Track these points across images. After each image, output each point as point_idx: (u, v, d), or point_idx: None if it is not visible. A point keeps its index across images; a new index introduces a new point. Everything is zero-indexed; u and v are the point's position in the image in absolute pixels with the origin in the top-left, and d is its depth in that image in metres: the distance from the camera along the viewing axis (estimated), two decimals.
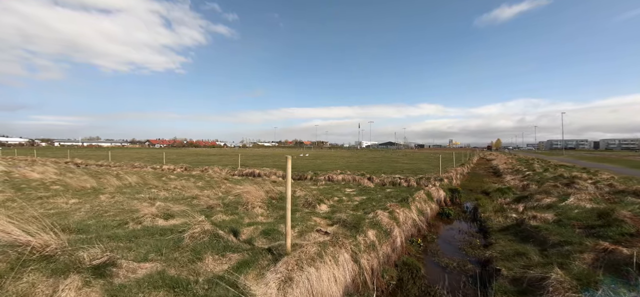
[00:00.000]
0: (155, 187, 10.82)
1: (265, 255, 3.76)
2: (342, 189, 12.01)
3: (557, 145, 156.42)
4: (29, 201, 8.11)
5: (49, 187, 10.50)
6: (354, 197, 9.70)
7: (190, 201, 8.18)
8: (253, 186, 9.04)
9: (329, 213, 7.03)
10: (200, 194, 9.22)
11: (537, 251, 5.72)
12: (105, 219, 6.05)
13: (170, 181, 12.95)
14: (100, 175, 13.92)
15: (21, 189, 10.22)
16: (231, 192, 9.55)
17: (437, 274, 5.68)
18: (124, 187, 10.82)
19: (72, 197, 8.58)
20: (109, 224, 5.46)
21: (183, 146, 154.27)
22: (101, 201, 8.18)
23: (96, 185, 10.33)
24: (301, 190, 10.28)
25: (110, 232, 4.79)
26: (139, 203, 7.70)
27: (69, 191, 9.69)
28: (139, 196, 9.08)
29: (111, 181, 10.92)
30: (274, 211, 7.08)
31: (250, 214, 6.56)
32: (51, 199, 8.39)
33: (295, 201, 8.21)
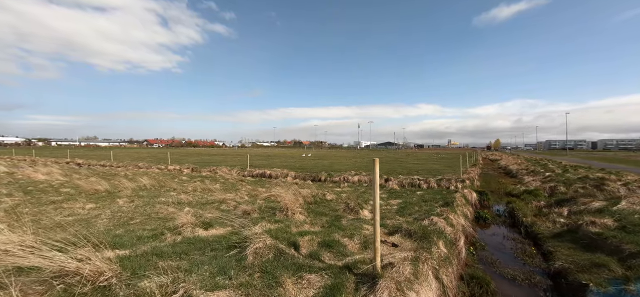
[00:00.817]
0: (173, 190, 10.17)
1: (348, 276, 3.16)
2: (368, 191, 11.42)
3: (556, 146, 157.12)
4: (41, 206, 7.44)
5: (59, 190, 9.80)
6: (389, 200, 9.11)
7: (218, 206, 7.55)
8: (282, 189, 8.44)
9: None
10: (225, 197, 8.59)
11: (616, 262, 5.18)
12: (134, 228, 5.42)
13: (184, 183, 12.28)
14: (109, 176, 13.23)
15: (29, 192, 9.53)
16: (259, 196, 8.92)
17: (507, 289, 5.12)
18: (139, 189, 10.15)
19: (87, 202, 7.92)
20: (143, 235, 4.83)
21: (181, 146, 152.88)
22: (120, 206, 7.53)
23: (109, 187, 9.66)
24: (330, 193, 9.69)
25: (149, 246, 4.17)
26: (165, 208, 7.07)
27: (82, 194, 9.02)
28: (159, 199, 8.43)
29: (124, 183, 10.25)
30: (315, 216, 6.48)
31: (293, 221, 5.95)
32: (65, 203, 7.72)
33: (333, 206, 7.62)
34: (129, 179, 11.75)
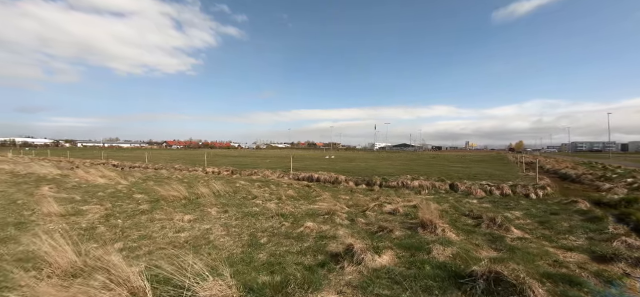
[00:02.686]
0: (253, 197, 9.27)
1: None
2: (461, 199, 10.21)
3: (582, 147, 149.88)
4: (132, 217, 6.63)
5: (132, 196, 9.09)
6: (513, 212, 7.87)
7: (330, 218, 6.54)
8: (383, 198, 7.37)
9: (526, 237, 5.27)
10: (328, 207, 7.58)
11: None
12: (278, 252, 4.46)
13: (255, 188, 11.41)
14: (165, 180, 12.55)
15: (102, 198, 8.83)
16: (366, 207, 7.84)
17: None
18: (218, 195, 9.31)
19: (178, 211, 7.07)
20: (312, 265, 3.86)
21: (198, 147, 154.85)
22: (218, 217, 6.63)
23: (187, 194, 8.84)
24: (438, 204, 8.54)
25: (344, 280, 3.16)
26: (280, 222, 6.12)
27: (160, 202, 8.22)
28: (251, 209, 7.50)
29: (200, 189, 9.42)
30: (468, 235, 5.37)
31: (444, 239, 4.86)
32: (155, 213, 6.89)
33: (462, 219, 6.46)
34: (202, 184, 10.97)
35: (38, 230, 5.42)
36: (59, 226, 5.69)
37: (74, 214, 6.58)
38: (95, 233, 5.29)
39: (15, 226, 5.66)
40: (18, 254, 4.25)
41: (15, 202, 8.06)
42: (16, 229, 5.47)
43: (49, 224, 5.78)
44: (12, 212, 6.87)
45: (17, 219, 6.15)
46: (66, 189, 10.41)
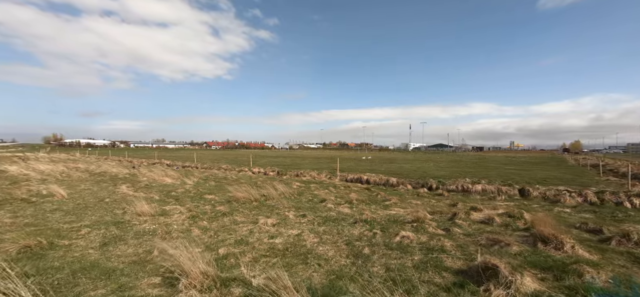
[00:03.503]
0: (321, 200, 8.99)
1: None
2: (551, 208, 9.02)
3: None
4: (214, 219, 6.63)
5: (202, 197, 9.30)
6: None
7: (420, 226, 5.98)
8: (469, 202, 6.60)
9: None
10: (418, 215, 7.02)
11: None
12: (395, 264, 4.02)
13: (316, 190, 11.19)
14: (222, 181, 12.81)
15: (175, 197, 9.13)
16: (452, 214, 7.16)
17: None
18: (286, 197, 9.17)
19: (253, 213, 6.98)
20: (445, 285, 3.37)
21: (235, 147, 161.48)
22: (304, 224, 6.38)
23: (258, 196, 8.80)
24: (527, 212, 7.57)
25: None
26: (366, 229, 5.71)
27: (232, 203, 8.25)
28: (330, 213, 7.19)
29: (269, 191, 9.37)
30: (593, 250, 4.49)
31: (581, 258, 4.06)
32: (234, 215, 6.85)
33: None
34: (258, 186, 11.01)
35: (137, 229, 5.57)
36: (153, 226, 5.82)
37: (161, 214, 6.76)
38: (192, 236, 5.28)
39: (115, 225, 5.88)
40: (130, 256, 4.30)
41: (103, 200, 8.59)
42: (117, 228, 5.67)
43: (144, 224, 5.94)
44: (105, 210, 7.26)
45: (114, 218, 6.43)
46: (141, 188, 11.01)
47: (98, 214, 6.79)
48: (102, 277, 3.49)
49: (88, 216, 6.59)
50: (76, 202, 8.09)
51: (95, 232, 5.36)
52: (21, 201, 8.11)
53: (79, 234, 5.19)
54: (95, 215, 6.72)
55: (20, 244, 4.30)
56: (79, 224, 5.85)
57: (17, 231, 5.35)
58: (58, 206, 7.56)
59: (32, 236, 4.95)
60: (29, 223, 5.86)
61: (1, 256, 4.06)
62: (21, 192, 9.20)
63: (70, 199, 8.56)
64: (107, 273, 3.62)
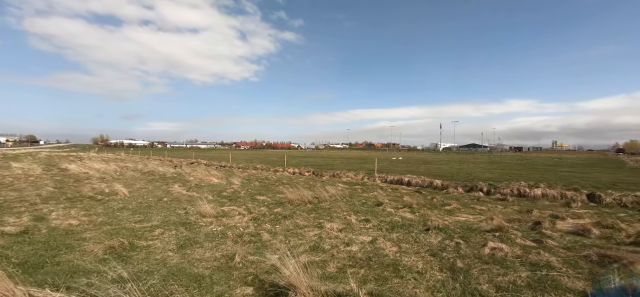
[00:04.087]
0: (378, 203, 8.54)
1: None
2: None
3: None
4: (276, 222, 6.43)
5: (255, 198, 9.23)
6: None
7: (504, 236, 5.32)
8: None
9: None
10: (500, 223, 6.37)
11: None
12: (503, 282, 3.49)
13: (365, 192, 10.76)
14: (266, 182, 12.75)
15: (228, 198, 9.14)
16: (536, 222, 6.38)
17: None
18: (338, 199, 8.83)
19: (312, 216, 6.70)
20: None
21: (263, 148, 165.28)
22: (370, 231, 5.98)
23: (310, 197, 8.55)
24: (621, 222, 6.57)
25: None
26: (443, 238, 5.17)
27: (287, 204, 8.06)
28: (394, 219, 6.72)
29: (320, 192, 9.10)
30: None
31: None
32: (295, 218, 6.61)
33: None
34: (305, 187, 10.78)
35: (206, 231, 5.49)
36: (219, 228, 5.72)
37: (222, 216, 6.69)
38: (262, 240, 5.08)
39: (183, 226, 5.87)
40: (211, 261, 4.14)
41: (161, 199, 8.80)
42: (186, 229, 5.64)
43: (210, 226, 5.86)
44: (167, 210, 7.36)
45: (179, 219, 6.45)
46: (191, 187, 11.25)
47: (162, 214, 6.87)
48: (193, 285, 3.33)
49: (154, 216, 6.68)
50: (138, 201, 8.34)
51: (168, 233, 5.34)
52: (89, 199, 8.52)
53: (153, 235, 5.19)
54: (159, 215, 6.81)
55: (105, 245, 4.32)
56: (149, 224, 5.91)
57: (94, 229, 5.49)
58: (123, 205, 7.82)
59: (112, 236, 5.02)
60: (104, 222, 6.02)
61: (90, 256, 4.09)
62: (87, 190, 9.72)
63: (131, 197, 8.86)
64: (196, 280, 3.46)
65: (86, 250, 4.32)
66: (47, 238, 4.87)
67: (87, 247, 4.44)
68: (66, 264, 3.78)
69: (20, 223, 5.72)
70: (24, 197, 8.61)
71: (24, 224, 5.64)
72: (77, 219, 6.16)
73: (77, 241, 4.75)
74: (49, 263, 3.83)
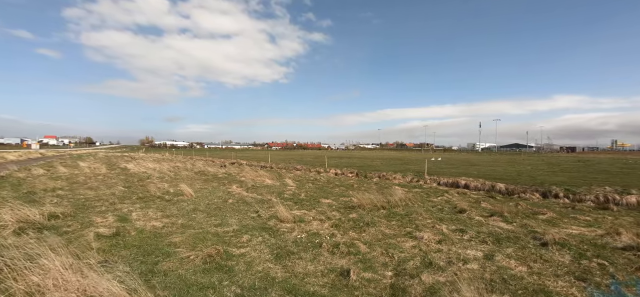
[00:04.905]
0: (461, 210, 7.66)
1: None
2: None
3: None
4: (360, 230, 5.87)
5: (318, 200, 8.78)
6: None
7: None
8: None
9: None
10: (616, 235, 5.28)
11: None
12: None
13: (427, 197, 9.90)
14: (327, 184, 12.26)
15: (292, 200, 8.79)
16: None
17: None
18: (410, 204, 8.10)
19: (405, 226, 6.05)
20: None
21: (293, 148, 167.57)
22: (474, 244, 5.19)
23: (382, 201, 7.90)
24: None
25: None
26: (573, 256, 4.23)
27: (358, 209, 7.50)
28: (496, 229, 5.85)
29: (390, 197, 8.43)
30: None
31: None
32: (379, 226, 6.01)
33: None
34: (364, 189, 10.16)
35: (293, 239, 5.07)
36: (303, 235, 5.30)
37: (299, 221, 6.29)
38: (361, 252, 4.53)
39: (265, 231, 5.53)
40: (319, 276, 3.67)
41: (226, 200, 8.68)
42: (270, 235, 5.28)
43: (293, 232, 5.45)
44: (239, 212, 7.14)
45: (257, 223, 6.14)
46: (249, 188, 11.14)
47: (236, 217, 6.63)
48: None
49: (228, 219, 6.46)
50: (205, 202, 8.28)
51: (255, 239, 5.00)
52: (159, 199, 8.64)
53: (241, 242, 4.88)
54: (233, 218, 6.58)
55: (203, 253, 4.04)
56: (230, 229, 5.65)
57: (179, 233, 5.34)
58: (193, 206, 7.76)
59: (201, 242, 4.79)
60: (185, 225, 5.88)
61: (191, 266, 3.83)
62: (154, 190, 9.95)
63: (197, 198, 8.86)
64: None
65: (183, 257, 4.08)
66: (139, 242, 4.76)
67: (182, 253, 4.21)
68: (174, 275, 3.52)
69: (108, 223, 5.77)
70: (101, 196, 8.98)
71: (111, 225, 5.67)
72: (157, 220, 6.10)
73: (168, 246, 4.56)
74: (156, 273, 3.61)
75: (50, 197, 8.60)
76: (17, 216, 5.11)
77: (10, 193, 9.40)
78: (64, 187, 10.65)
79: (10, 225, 4.96)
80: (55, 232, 5.08)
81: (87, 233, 5.02)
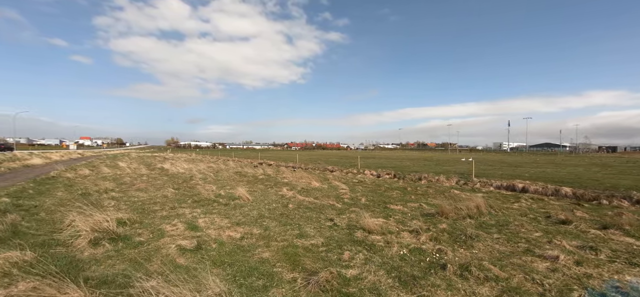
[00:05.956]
0: (563, 221, 6.56)
1: None
2: None
3: None
4: (466, 246, 4.98)
5: (387, 207, 7.99)
6: None
7: None
8: None
9: None
10: None
11: None
12: None
13: (509, 203, 8.82)
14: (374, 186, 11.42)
15: (363, 207, 8.01)
16: None
17: None
18: (494, 213, 7.08)
19: (514, 240, 5.11)
20: None
21: (313, 148, 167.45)
22: (586, 269, 4.17)
23: (471, 208, 6.94)
24: None
25: None
26: None
27: (442, 218, 6.60)
28: (616, 245, 4.78)
29: (466, 202, 7.46)
30: None
31: None
32: (488, 241, 5.09)
33: None
34: (422, 193, 9.20)
35: (396, 255, 4.27)
36: (403, 251, 4.49)
37: (389, 232, 5.49)
38: (504, 279, 3.66)
39: (360, 245, 4.78)
40: None
41: (287, 205, 8.04)
42: (371, 251, 4.51)
43: (393, 248, 4.64)
44: (311, 221, 6.42)
45: (343, 235, 5.40)
46: (300, 191, 10.48)
47: (311, 226, 5.90)
48: None
49: (304, 228, 5.75)
50: (266, 208, 7.65)
51: (358, 257, 4.22)
52: (215, 203, 8.13)
53: (342, 260, 4.13)
54: (308, 227, 5.87)
55: (319, 278, 3.33)
56: (315, 241, 4.92)
57: (261, 245, 4.68)
58: (257, 212, 7.14)
59: (297, 259, 4.11)
60: (263, 236, 5.23)
61: (307, 295, 3.12)
62: (205, 193, 9.51)
63: (255, 202, 8.29)
64: None
65: (288, 280, 3.40)
66: (227, 257, 4.13)
67: (285, 275, 3.53)
68: None
69: (180, 232, 5.24)
70: (154, 199, 8.62)
71: (184, 234, 5.14)
72: (231, 229, 5.51)
73: (262, 264, 3.91)
74: None
75: (107, 200, 8.34)
76: (90, 223, 4.66)
77: (66, 194, 9.29)
78: (114, 188, 10.48)
79: (84, 234, 4.51)
80: (129, 243, 4.59)
81: (166, 245, 4.48)
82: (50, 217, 6.36)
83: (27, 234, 4.98)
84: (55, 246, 4.30)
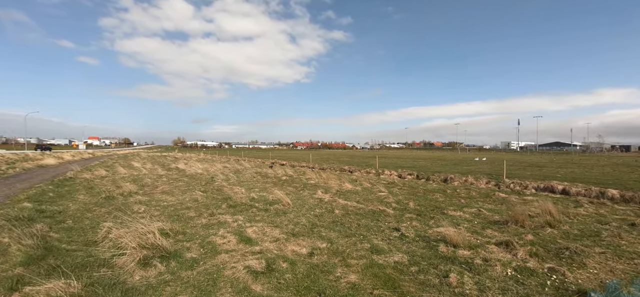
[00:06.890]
0: None
1: None
2: None
3: None
4: (550, 259, 4.19)
5: (445, 213, 7.21)
6: None
7: None
8: None
9: None
10: None
11: None
12: None
13: (570, 209, 7.98)
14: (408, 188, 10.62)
15: (415, 213, 7.24)
16: None
17: None
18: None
19: (599, 259, 4.31)
20: None
21: (318, 148, 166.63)
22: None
23: (552, 214, 6.12)
24: None
25: None
26: None
27: (513, 227, 5.80)
28: None
29: (533, 207, 6.64)
30: None
31: None
32: (585, 259, 4.30)
33: None
34: (470, 197, 8.38)
35: (498, 277, 3.50)
36: (509, 272, 3.72)
37: (475, 247, 4.71)
38: None
39: (452, 262, 4.01)
40: None
41: (332, 211, 7.29)
42: (469, 271, 3.75)
43: (495, 267, 3.88)
44: (371, 231, 5.66)
45: (428, 251, 4.65)
46: (335, 194, 9.72)
47: (379, 239, 5.16)
48: None
49: (372, 240, 4.99)
50: (311, 214, 6.91)
51: (466, 281, 3.49)
52: (252, 208, 7.40)
53: (451, 286, 3.38)
54: (376, 239, 5.11)
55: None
56: (398, 259, 4.16)
57: (340, 265, 3.93)
58: (306, 219, 6.36)
59: (391, 284, 3.36)
60: (333, 251, 4.46)
61: None
62: (236, 196, 8.81)
63: (296, 207, 7.55)
64: None
65: None
66: (309, 282, 3.38)
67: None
68: None
69: (232, 246, 4.52)
70: (185, 204, 7.94)
71: (240, 249, 4.42)
72: (291, 242, 4.76)
73: (354, 291, 3.17)
74: None
75: (136, 205, 7.66)
76: (135, 237, 3.96)
77: (88, 197, 8.65)
78: (138, 191, 9.83)
79: (129, 251, 3.81)
80: (182, 262, 3.88)
81: (227, 264, 3.76)
82: (79, 226, 5.70)
83: (60, 249, 4.30)
84: (98, 268, 3.60)
